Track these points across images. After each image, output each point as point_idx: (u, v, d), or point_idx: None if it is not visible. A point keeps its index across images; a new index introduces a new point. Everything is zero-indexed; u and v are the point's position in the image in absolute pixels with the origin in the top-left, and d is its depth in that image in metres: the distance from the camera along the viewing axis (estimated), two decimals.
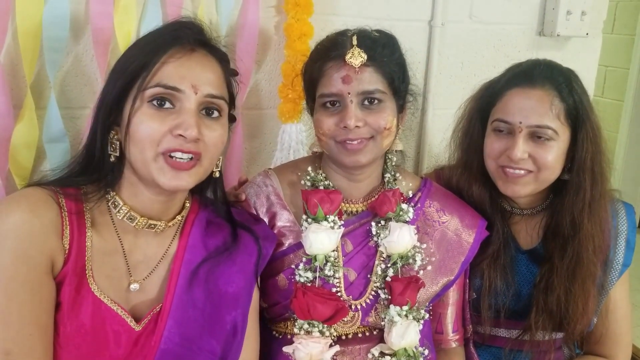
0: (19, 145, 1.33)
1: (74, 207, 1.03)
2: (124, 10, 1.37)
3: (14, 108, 1.33)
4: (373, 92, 1.21)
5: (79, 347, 0.99)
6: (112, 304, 1.03)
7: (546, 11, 1.89)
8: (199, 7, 1.47)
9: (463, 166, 1.45)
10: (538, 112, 1.30)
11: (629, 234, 1.41)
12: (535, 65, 1.38)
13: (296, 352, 1.20)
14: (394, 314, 1.24)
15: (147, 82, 1.00)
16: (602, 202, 1.35)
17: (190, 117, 1.00)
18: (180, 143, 1.00)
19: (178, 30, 1.06)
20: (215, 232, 1.17)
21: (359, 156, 1.23)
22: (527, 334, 1.40)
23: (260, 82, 1.63)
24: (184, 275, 1.09)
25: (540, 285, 1.38)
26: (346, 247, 1.29)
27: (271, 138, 1.67)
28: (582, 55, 1.98)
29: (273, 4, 1.57)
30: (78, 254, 1.01)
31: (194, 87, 1.01)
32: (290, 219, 1.30)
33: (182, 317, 1.07)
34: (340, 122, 1.20)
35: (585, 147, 1.32)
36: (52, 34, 1.31)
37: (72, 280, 1.00)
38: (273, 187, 1.32)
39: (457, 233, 1.36)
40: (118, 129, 1.04)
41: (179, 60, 1.02)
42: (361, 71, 1.20)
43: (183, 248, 1.12)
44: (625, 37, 4.21)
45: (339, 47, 1.22)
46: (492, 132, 1.37)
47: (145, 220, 1.07)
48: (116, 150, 1.04)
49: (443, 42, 1.80)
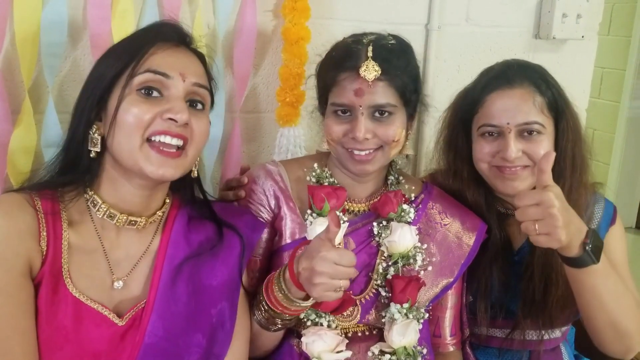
0: (17, 150, 1.33)
1: (49, 207, 1.04)
2: (122, 15, 1.37)
3: (12, 113, 1.33)
4: (384, 106, 1.23)
5: (62, 347, 0.99)
6: (92, 303, 1.03)
7: (542, 14, 1.90)
8: (196, 11, 1.47)
9: (453, 175, 1.46)
10: (523, 110, 1.32)
11: (601, 223, 1.42)
12: (508, 66, 1.41)
13: (316, 342, 1.20)
14: (395, 311, 1.25)
15: (137, 69, 1.02)
16: (581, 191, 1.37)
17: (180, 102, 1.03)
18: (169, 126, 1.02)
19: (161, 28, 1.11)
20: (198, 227, 1.18)
21: (367, 166, 1.25)
22: (517, 330, 1.41)
23: (258, 85, 1.63)
24: (167, 270, 1.10)
25: (525, 276, 1.39)
26: (349, 245, 1.31)
27: (269, 141, 1.68)
28: (578, 58, 1.99)
29: (270, 8, 1.58)
30: (54, 255, 1.02)
31: (182, 74, 1.05)
32: (295, 212, 1.31)
33: (165, 311, 1.07)
34: (350, 133, 1.23)
35: (566, 136, 1.35)
36: (50, 38, 1.32)
37: (49, 282, 1.01)
38: (281, 177, 1.34)
39: (458, 236, 1.37)
40: (100, 124, 1.05)
41: (166, 51, 1.06)
42: (374, 85, 1.21)
43: (165, 243, 1.12)
44: (621, 39, 4.22)
45: (354, 58, 1.22)
46: (480, 137, 1.38)
47: (125, 217, 1.08)
48: (97, 146, 1.05)
49: (440, 45, 1.80)
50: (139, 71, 1.02)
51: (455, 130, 1.46)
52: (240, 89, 1.56)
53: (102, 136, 1.05)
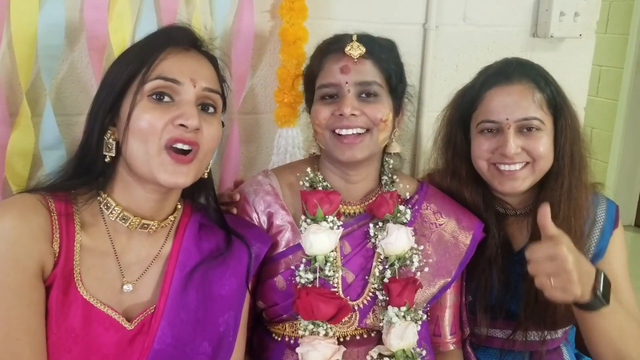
0: (15, 152, 1.32)
1: (63, 209, 1.05)
2: (119, 17, 1.37)
3: (10, 116, 1.33)
4: (370, 84, 1.23)
5: (70, 350, 0.99)
6: (102, 306, 1.03)
7: (539, 13, 1.90)
8: (193, 12, 1.47)
9: (451, 174, 1.46)
10: (522, 106, 1.33)
11: (605, 225, 1.42)
12: (507, 63, 1.41)
13: (311, 352, 1.20)
14: (392, 314, 1.25)
15: (147, 76, 1.03)
16: (580, 188, 1.37)
17: (191, 108, 1.04)
18: (181, 133, 1.02)
19: (172, 32, 1.11)
20: (209, 235, 1.18)
21: (355, 151, 1.24)
22: (519, 331, 1.40)
23: (256, 86, 1.63)
24: (178, 277, 1.10)
25: (527, 276, 1.38)
26: (344, 248, 1.30)
27: (267, 142, 1.67)
28: (576, 56, 1.99)
29: (268, 9, 1.58)
30: (67, 257, 1.02)
31: (192, 80, 1.05)
32: (289, 220, 1.30)
33: (175, 318, 1.07)
34: (337, 111, 1.23)
35: (565, 135, 1.36)
36: (48, 41, 1.31)
37: (60, 284, 1.01)
38: (272, 187, 1.33)
39: (454, 235, 1.37)
40: (114, 129, 1.06)
41: (176, 56, 1.06)
42: (360, 63, 1.23)
43: (177, 250, 1.13)
44: (618, 37, 4.23)
45: (339, 42, 1.26)
46: (479, 134, 1.38)
47: (138, 220, 1.08)
48: (112, 151, 1.05)
49: (437, 44, 1.80)
50: (149, 77, 1.03)
51: (453, 128, 1.46)
52: (238, 90, 1.55)
53: (117, 141, 1.05)
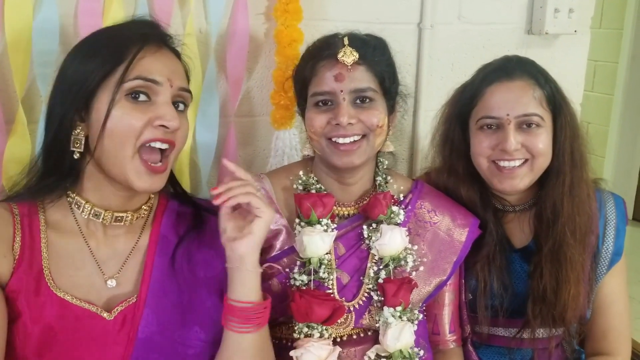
0: (11, 160, 1.32)
1: (26, 210, 1.06)
2: (113, 22, 1.35)
3: (6, 123, 1.32)
4: (365, 90, 1.22)
5: (51, 348, 1.00)
6: (78, 302, 1.03)
7: (534, 10, 1.90)
8: (188, 16, 1.46)
9: (448, 171, 1.46)
10: (522, 102, 1.33)
11: (618, 223, 1.42)
12: (507, 60, 1.42)
13: (305, 355, 1.19)
14: (388, 315, 1.25)
15: (126, 75, 1.02)
16: (582, 186, 1.37)
17: (170, 109, 1.05)
18: (160, 133, 1.03)
19: (145, 28, 1.11)
20: (185, 220, 1.19)
21: (353, 157, 1.24)
22: (526, 329, 1.40)
23: (252, 89, 1.63)
24: (159, 265, 1.10)
25: (534, 275, 1.39)
26: (339, 250, 1.30)
27: (265, 145, 1.67)
28: (571, 52, 1.99)
29: (262, 11, 1.57)
30: (32, 259, 1.03)
31: (169, 80, 1.06)
32: (283, 223, 1.30)
33: (158, 305, 1.08)
34: (333, 120, 1.22)
35: (564, 132, 1.36)
36: (42, 47, 1.31)
37: (29, 285, 1.01)
38: (265, 190, 1.32)
39: (449, 233, 1.36)
40: (83, 125, 1.04)
41: (154, 55, 1.06)
42: (353, 69, 1.22)
43: (155, 239, 1.13)
44: (613, 32, 4.24)
45: (331, 47, 1.24)
46: (479, 131, 1.38)
47: (110, 214, 1.08)
48: (81, 147, 1.04)
49: (433, 43, 1.80)
50: (129, 77, 1.02)
51: (452, 125, 1.46)
52: (234, 93, 1.55)
53: (86, 136, 1.05)
